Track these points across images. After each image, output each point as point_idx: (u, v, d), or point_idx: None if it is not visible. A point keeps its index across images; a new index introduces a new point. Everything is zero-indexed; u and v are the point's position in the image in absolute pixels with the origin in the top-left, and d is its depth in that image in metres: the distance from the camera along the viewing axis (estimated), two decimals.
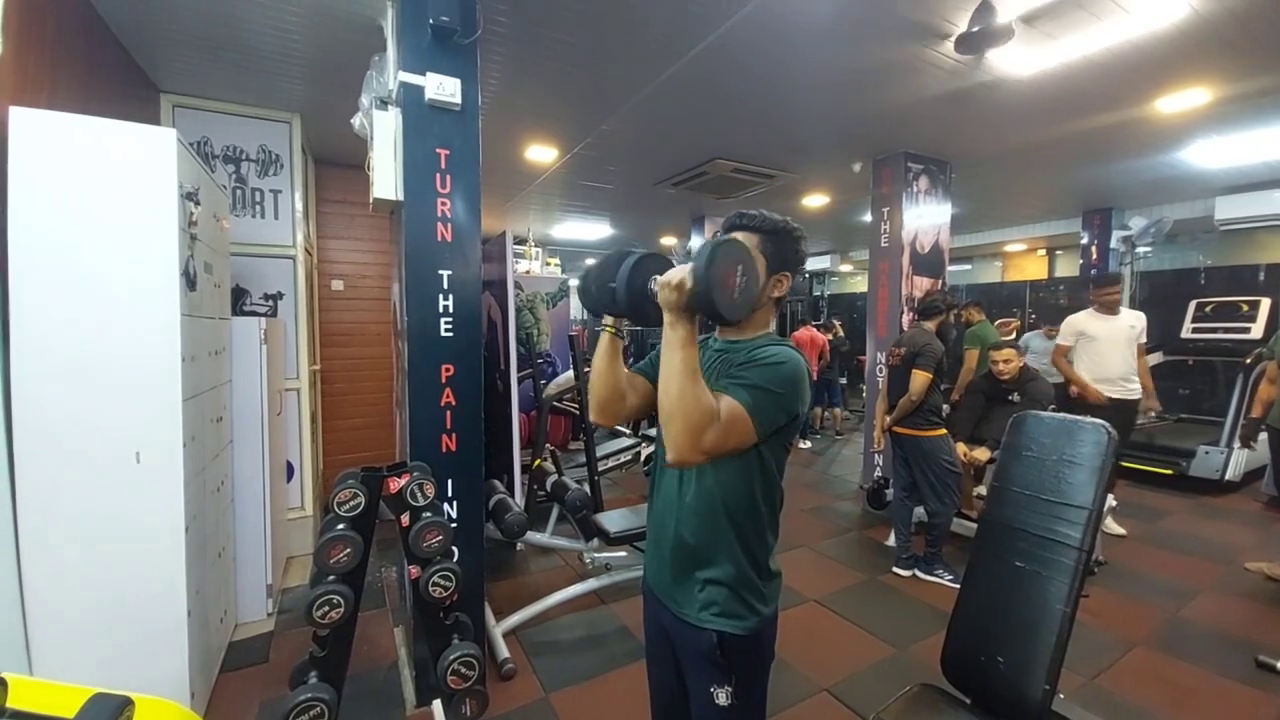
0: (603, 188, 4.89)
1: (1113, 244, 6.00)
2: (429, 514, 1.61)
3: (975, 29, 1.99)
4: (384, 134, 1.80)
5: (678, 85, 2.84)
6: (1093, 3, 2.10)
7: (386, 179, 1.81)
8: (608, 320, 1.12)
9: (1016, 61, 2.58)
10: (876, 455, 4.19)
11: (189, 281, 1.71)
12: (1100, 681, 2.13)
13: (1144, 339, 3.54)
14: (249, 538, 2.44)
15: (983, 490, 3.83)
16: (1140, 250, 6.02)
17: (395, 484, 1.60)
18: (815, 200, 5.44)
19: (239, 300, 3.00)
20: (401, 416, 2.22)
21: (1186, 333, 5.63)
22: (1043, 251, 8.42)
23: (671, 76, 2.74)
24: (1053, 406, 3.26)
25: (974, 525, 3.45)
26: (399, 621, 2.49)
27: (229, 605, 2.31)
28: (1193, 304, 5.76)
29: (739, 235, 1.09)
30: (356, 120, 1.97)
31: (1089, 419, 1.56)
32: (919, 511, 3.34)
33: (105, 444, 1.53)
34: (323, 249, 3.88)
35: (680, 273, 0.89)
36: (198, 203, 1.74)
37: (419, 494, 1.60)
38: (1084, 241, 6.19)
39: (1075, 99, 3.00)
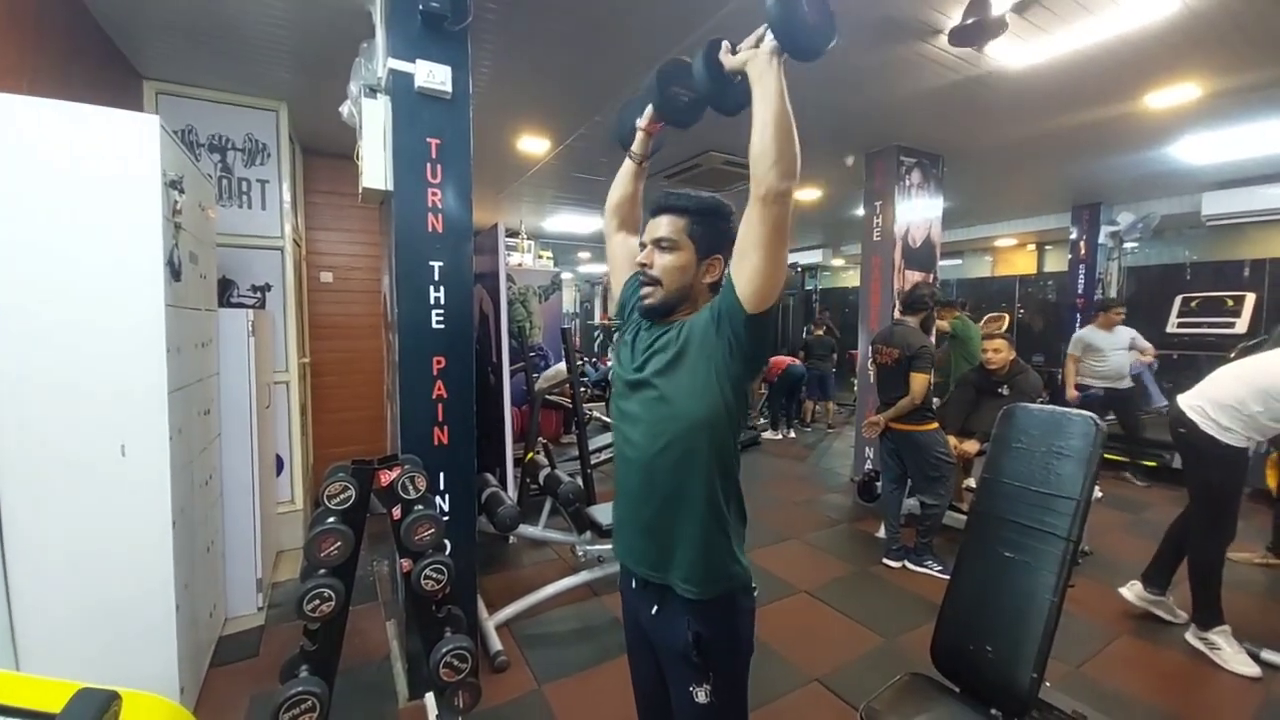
0: (595, 180, 4.86)
1: (1101, 239, 6.05)
2: (421, 507, 1.60)
3: (969, 21, 1.99)
4: (373, 123, 1.77)
5: None
6: None
7: (376, 169, 1.78)
8: (636, 147, 1.30)
9: (1009, 55, 2.58)
10: (867, 448, 4.22)
11: (174, 272, 1.68)
12: (1085, 670, 2.17)
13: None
14: (238, 532, 2.42)
15: (972, 482, 3.87)
16: (1128, 246, 6.08)
17: (386, 477, 1.58)
18: (808, 194, 5.44)
19: (226, 292, 2.96)
20: (392, 409, 2.20)
21: (1172, 327, 5.69)
22: (1032, 246, 8.48)
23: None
24: (1042, 399, 3.30)
25: (963, 517, 3.51)
26: (390, 615, 2.49)
27: (218, 600, 2.29)
28: (1178, 299, 5.82)
29: (664, 219, 1.08)
30: (345, 108, 1.94)
31: (1077, 411, 1.58)
32: (909, 503, 3.37)
33: (90, 437, 1.50)
34: (311, 240, 3.83)
35: (751, 39, 1.01)
36: (182, 191, 1.70)
37: (411, 487, 1.59)
38: (1073, 237, 6.24)
39: (1066, 93, 3.01)
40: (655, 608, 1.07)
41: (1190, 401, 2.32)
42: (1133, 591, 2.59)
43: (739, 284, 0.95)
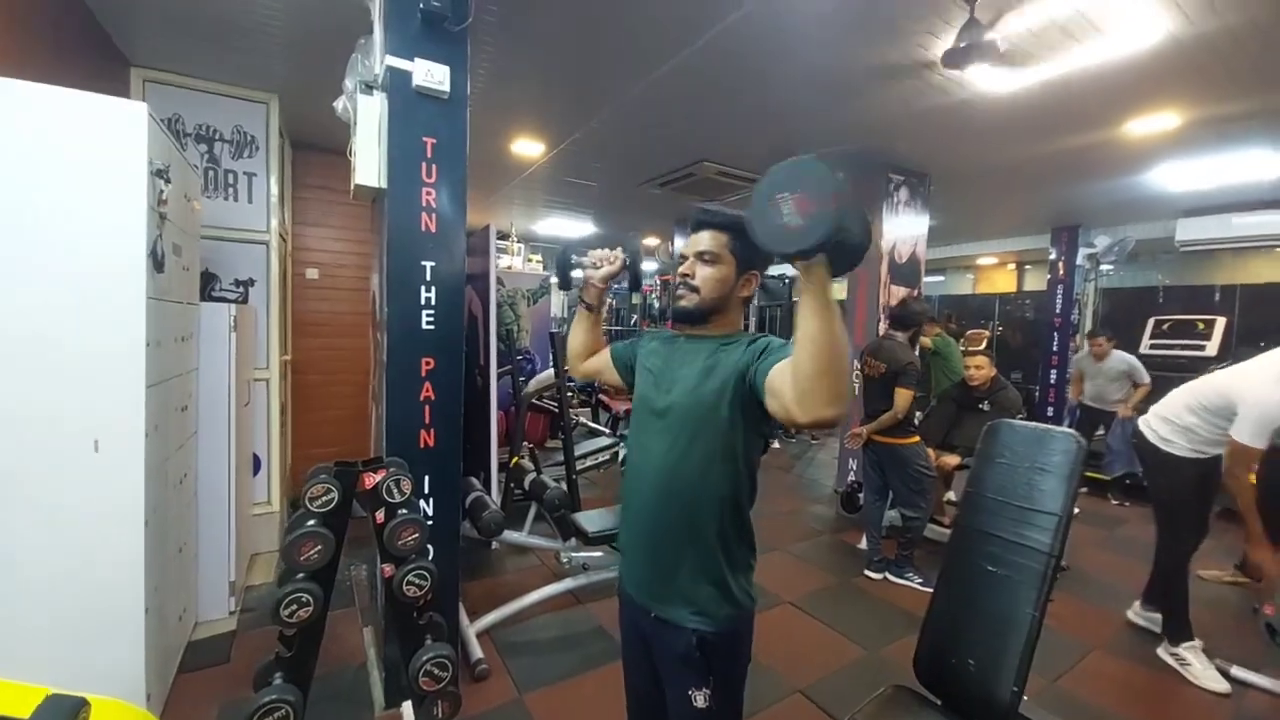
0: (588, 185, 4.87)
1: (1079, 260, 6.20)
2: (405, 511, 1.57)
3: (962, 45, 2.04)
4: (368, 119, 1.75)
5: (670, 84, 2.84)
6: (1073, 25, 2.17)
7: (369, 166, 1.76)
8: (588, 297, 1.33)
9: (998, 80, 2.65)
10: (850, 460, 4.26)
11: (156, 263, 1.64)
12: (1061, 684, 2.20)
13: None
14: (212, 533, 2.35)
15: (952, 496, 3.93)
16: (1104, 267, 6.25)
17: (370, 479, 1.55)
18: None
19: (208, 285, 2.89)
20: (378, 410, 2.17)
21: (1145, 348, 5.85)
22: (1012, 266, 8.69)
23: (664, 75, 2.73)
24: (1021, 415, 3.36)
25: (944, 530, 3.56)
26: (368, 621, 2.43)
27: (189, 603, 2.22)
28: (1151, 321, 6.00)
29: (706, 234, 1.10)
30: (339, 104, 1.92)
31: (1060, 428, 1.60)
32: (890, 515, 3.41)
33: (63, 431, 1.45)
34: (298, 236, 3.77)
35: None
36: (168, 180, 1.67)
37: (395, 490, 1.56)
38: (1051, 257, 6.39)
39: (1051, 118, 3.10)
40: (655, 613, 1.07)
41: (1144, 416, 2.44)
42: (1133, 610, 2.65)
43: (767, 399, 0.93)
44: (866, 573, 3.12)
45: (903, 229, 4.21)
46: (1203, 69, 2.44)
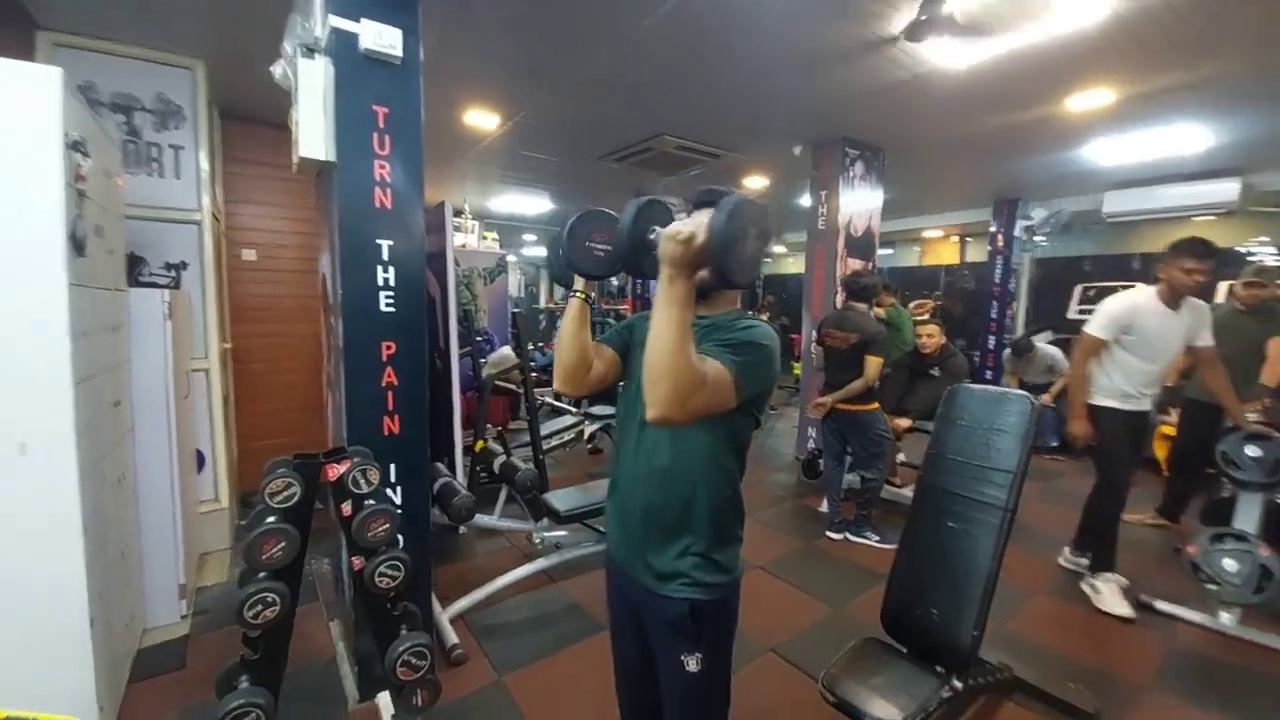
0: (545, 159, 4.72)
1: (1017, 232, 6.53)
2: (373, 501, 1.51)
3: (923, 17, 2.06)
4: (311, 86, 1.62)
5: (628, 56, 2.76)
6: (1025, 1, 2.22)
7: (315, 137, 1.64)
8: (579, 285, 1.11)
9: (951, 55, 2.70)
10: (809, 428, 4.39)
11: (77, 245, 1.48)
12: (1008, 626, 2.37)
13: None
14: (156, 534, 2.21)
15: (903, 457, 4.14)
16: (1038, 239, 6.61)
17: (334, 471, 1.48)
18: (755, 182, 5.52)
19: (135, 270, 2.66)
20: (335, 398, 2.07)
21: (1073, 314, 6.26)
22: (956, 238, 9.03)
23: (622, 46, 2.65)
24: (968, 380, 3.54)
25: (898, 490, 3.74)
26: (334, 615, 2.36)
27: (136, 609, 2.09)
28: (1078, 288, 6.41)
29: (708, 211, 1.08)
30: (278, 69, 1.77)
31: (1015, 391, 1.70)
32: (848, 479, 3.55)
33: None
34: (233, 215, 3.51)
35: (692, 227, 0.83)
36: (86, 154, 1.50)
37: (362, 481, 1.50)
38: (992, 230, 6.69)
39: (998, 94, 3.20)
40: (646, 584, 1.08)
41: None
42: (1063, 557, 2.89)
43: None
44: (828, 534, 3.25)
45: (858, 203, 4.30)
46: (1142, 43, 2.55)
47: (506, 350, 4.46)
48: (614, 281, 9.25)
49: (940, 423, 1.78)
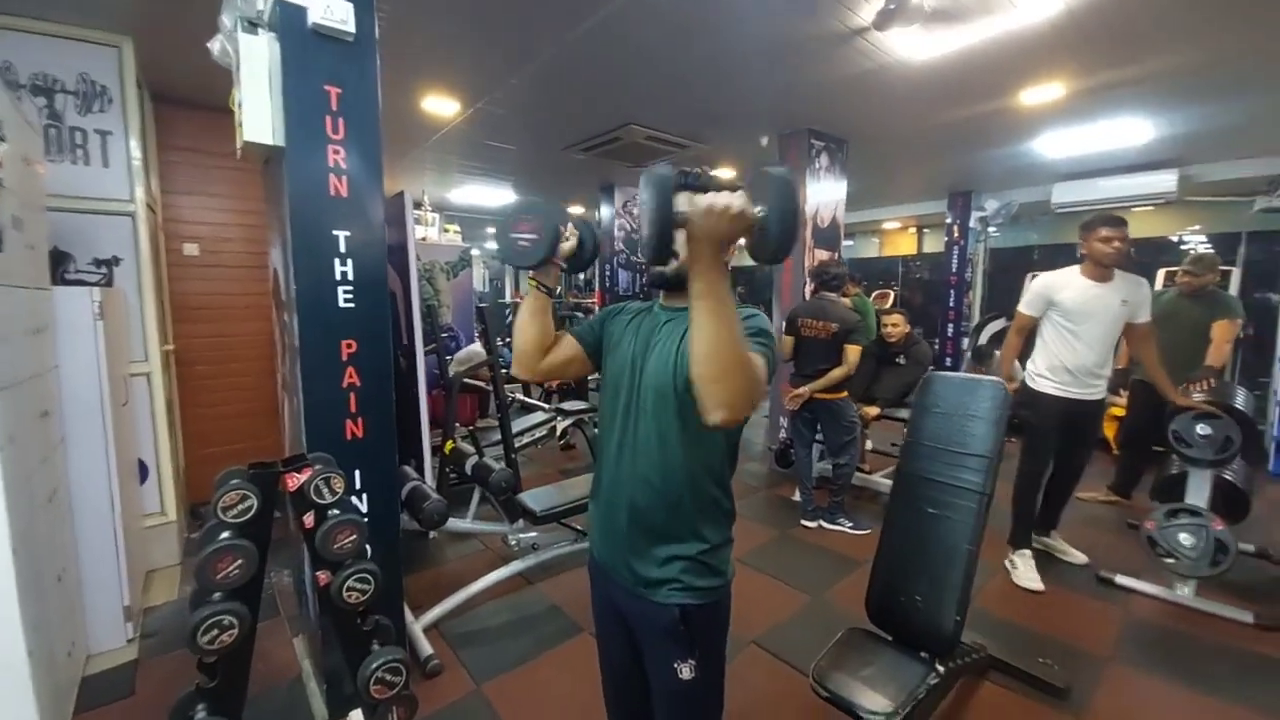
0: (507, 149, 4.58)
1: (971, 224, 6.75)
2: (338, 511, 1.42)
3: (891, 6, 2.06)
4: (255, 64, 1.49)
5: (595, 42, 2.68)
6: None
7: (260, 120, 1.52)
8: (532, 275, 1.13)
9: (915, 47, 2.72)
10: (780, 418, 4.43)
11: None
12: (976, 604, 2.43)
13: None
14: (96, 554, 2.04)
15: (871, 444, 4.23)
16: (991, 230, 6.86)
17: (295, 480, 1.38)
18: (723, 173, 5.50)
19: (60, 267, 2.44)
20: (293, 402, 1.94)
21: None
22: (913, 229, 9.29)
23: (589, 30, 2.57)
24: (931, 367, 3.63)
25: (867, 476, 3.82)
26: (298, 630, 2.24)
27: (78, 635, 1.93)
28: (1028, 276, 6.67)
29: (685, 198, 1.03)
30: (216, 45, 1.62)
31: (988, 377, 1.72)
32: (820, 467, 3.60)
33: None
34: (171, 206, 3.26)
35: (732, 199, 0.74)
36: (3, 139, 1.34)
37: (326, 489, 1.39)
38: (948, 221, 6.90)
39: (956, 87, 3.25)
40: (634, 589, 1.04)
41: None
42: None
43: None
44: (803, 522, 3.29)
45: (824, 194, 4.34)
46: (1089, 38, 2.63)
47: (476, 347, 4.32)
48: (581, 276, 9.12)
49: (916, 410, 1.80)
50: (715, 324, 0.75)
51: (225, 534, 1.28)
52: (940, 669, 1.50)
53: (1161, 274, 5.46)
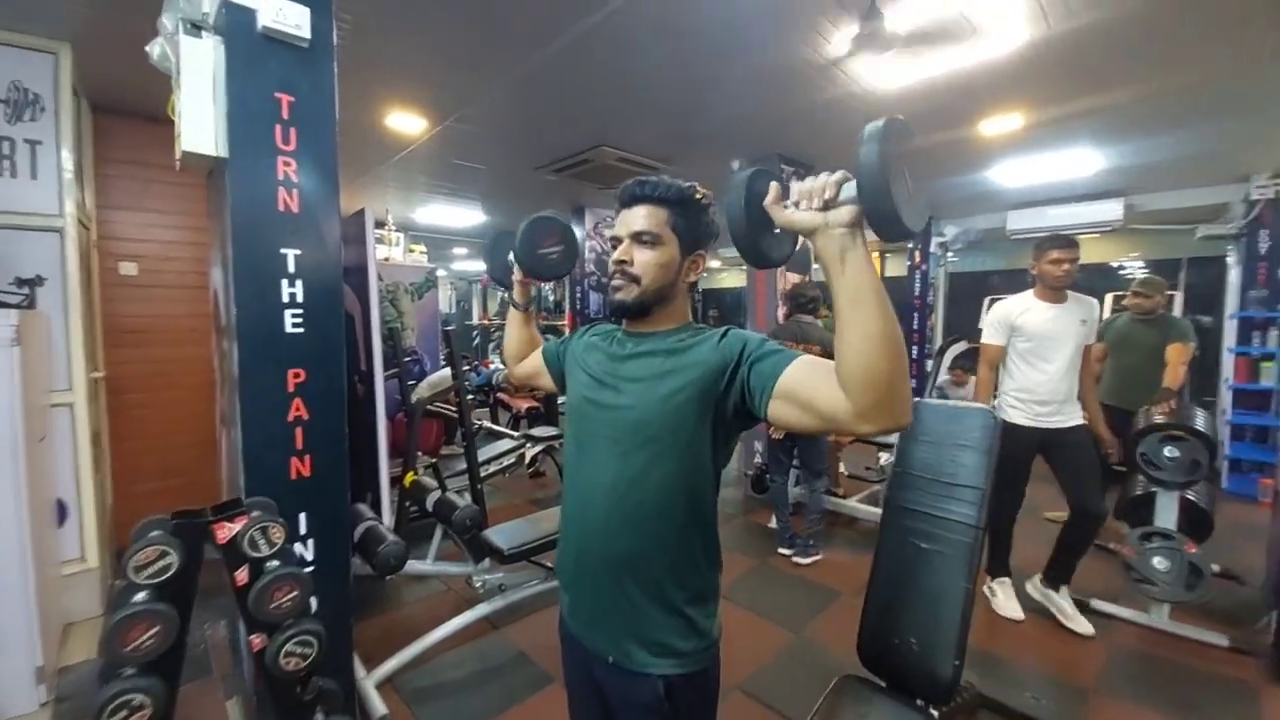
0: (476, 168, 4.48)
1: (932, 249, 6.97)
2: (277, 563, 1.25)
3: (865, 33, 2.07)
4: (197, 68, 1.36)
5: (567, 62, 2.63)
6: (954, 25, 2.30)
7: (202, 128, 1.38)
8: (516, 297, 1.26)
9: (883, 76, 2.77)
10: (756, 443, 4.37)
11: None
12: None
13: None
14: (4, 607, 1.80)
15: (843, 468, 4.20)
16: (950, 255, 7.10)
17: (226, 531, 1.21)
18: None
19: None
20: (230, 436, 1.76)
21: (982, 324, 6.74)
22: (877, 254, 9.55)
23: (561, 50, 2.52)
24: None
25: (840, 500, 3.77)
26: (232, 692, 2.00)
27: None
28: (987, 300, 6.92)
29: (642, 211, 0.94)
30: (155, 48, 1.48)
31: (975, 405, 1.68)
32: (794, 492, 3.54)
33: None
34: (107, 222, 3.03)
35: (827, 180, 0.72)
36: None
37: (262, 541, 1.23)
38: (910, 246, 7.09)
39: (922, 116, 3.33)
40: (612, 657, 0.91)
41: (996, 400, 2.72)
42: (1031, 585, 2.71)
43: (773, 409, 0.83)
44: (780, 550, 3.20)
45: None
46: (1048, 72, 2.73)
47: (446, 372, 4.15)
48: (550, 297, 9.01)
49: (904, 439, 1.75)
50: (885, 307, 0.70)
51: (140, 595, 1.11)
52: (936, 715, 1.41)
53: (1110, 299, 5.71)
